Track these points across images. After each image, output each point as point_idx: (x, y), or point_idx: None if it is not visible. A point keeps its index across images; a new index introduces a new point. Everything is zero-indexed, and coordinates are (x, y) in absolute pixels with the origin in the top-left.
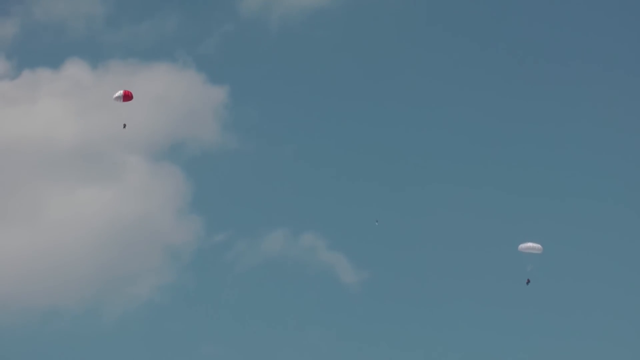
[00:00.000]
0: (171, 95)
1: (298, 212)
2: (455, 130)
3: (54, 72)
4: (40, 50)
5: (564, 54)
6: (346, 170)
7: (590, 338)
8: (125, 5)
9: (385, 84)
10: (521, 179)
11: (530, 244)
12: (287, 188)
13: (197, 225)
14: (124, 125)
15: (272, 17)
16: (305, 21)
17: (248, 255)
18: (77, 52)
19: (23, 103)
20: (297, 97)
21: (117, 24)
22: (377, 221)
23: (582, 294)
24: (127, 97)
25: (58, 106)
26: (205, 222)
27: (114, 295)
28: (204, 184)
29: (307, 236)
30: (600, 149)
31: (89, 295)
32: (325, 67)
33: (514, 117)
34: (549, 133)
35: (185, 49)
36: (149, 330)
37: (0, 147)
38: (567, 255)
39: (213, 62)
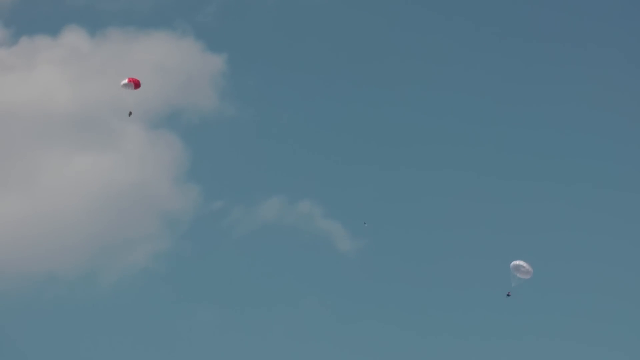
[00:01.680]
0: (169, 63)
1: (295, 180)
2: (458, 91)
3: (52, 40)
4: (38, 18)
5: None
6: (344, 138)
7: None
8: None
9: (388, 51)
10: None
11: (521, 266)
12: (285, 156)
13: (195, 193)
14: (130, 113)
15: None
16: None
17: (244, 222)
18: (76, 19)
19: (20, 70)
20: (296, 65)
21: None
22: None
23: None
24: (136, 85)
25: (56, 73)
26: (203, 190)
27: (110, 262)
28: (202, 152)
29: (303, 204)
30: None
31: (85, 262)
32: (325, 34)
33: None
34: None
35: (184, 17)
36: (145, 296)
37: None
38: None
39: (211, 30)
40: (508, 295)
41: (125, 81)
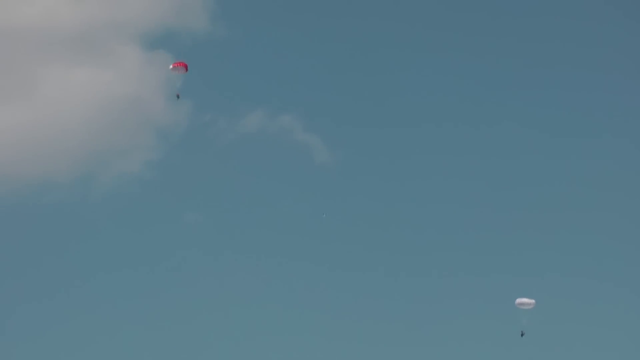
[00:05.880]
0: None
1: (279, 95)
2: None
3: None
4: None
5: None
6: (329, 59)
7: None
8: None
9: None
10: None
11: (524, 301)
12: (272, 73)
13: (186, 108)
14: (178, 96)
15: None
16: None
17: (229, 134)
18: None
19: None
20: None
21: None
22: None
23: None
24: (186, 68)
25: None
26: (194, 105)
27: (105, 169)
28: (194, 70)
29: (284, 117)
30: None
31: (81, 168)
32: None
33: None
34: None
35: None
36: (138, 201)
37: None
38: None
39: None
40: (522, 334)
41: (171, 66)
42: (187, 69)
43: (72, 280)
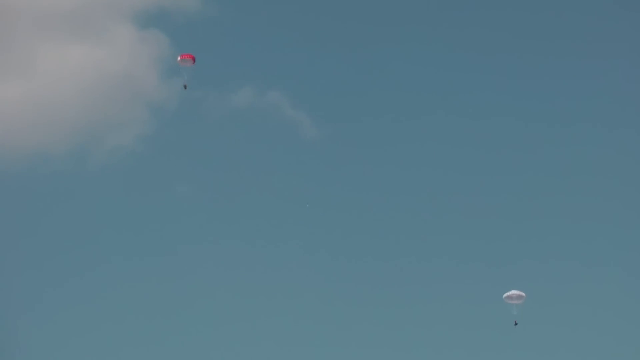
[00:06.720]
0: None
1: (268, 72)
2: None
3: None
4: None
5: None
6: (318, 37)
7: None
8: None
9: None
10: None
11: (513, 294)
12: (261, 50)
13: (178, 84)
14: (185, 86)
15: None
16: None
17: (219, 109)
18: None
19: None
20: None
21: None
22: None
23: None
24: (193, 60)
25: None
26: (185, 81)
27: (100, 142)
28: (186, 49)
29: (273, 94)
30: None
31: (76, 142)
32: None
33: None
34: None
35: None
36: (131, 173)
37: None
38: None
39: None
40: (515, 324)
41: (179, 58)
42: (194, 61)
43: (65, 250)
